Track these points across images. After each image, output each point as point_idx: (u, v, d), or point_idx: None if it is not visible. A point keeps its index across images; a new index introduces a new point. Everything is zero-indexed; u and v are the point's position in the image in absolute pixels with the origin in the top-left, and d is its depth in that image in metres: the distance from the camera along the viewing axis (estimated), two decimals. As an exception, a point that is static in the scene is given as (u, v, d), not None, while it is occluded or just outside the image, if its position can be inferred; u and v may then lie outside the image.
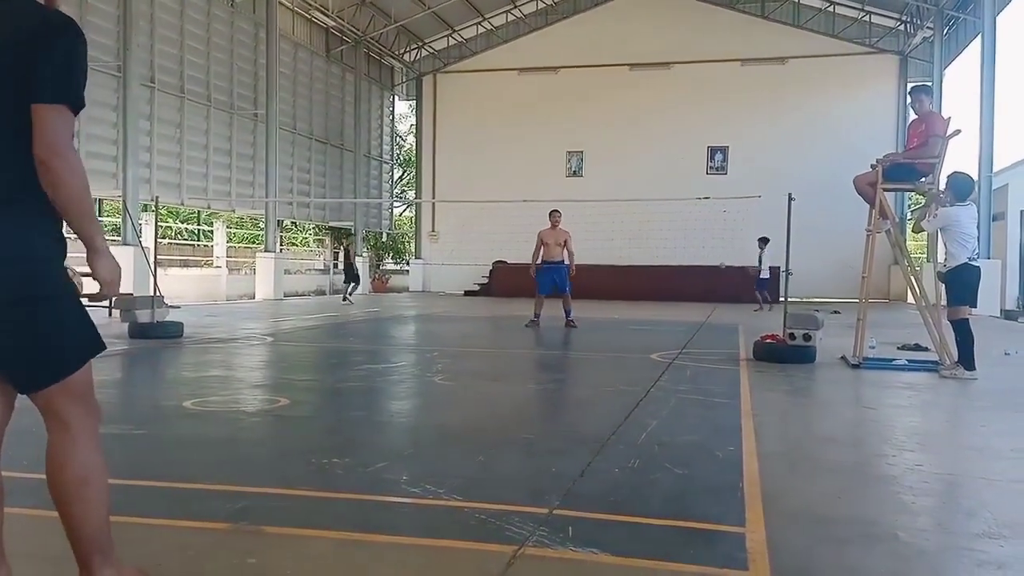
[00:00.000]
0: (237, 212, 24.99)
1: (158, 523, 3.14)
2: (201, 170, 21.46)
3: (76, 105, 2.14)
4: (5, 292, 2.06)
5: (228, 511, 3.28)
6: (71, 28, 2.16)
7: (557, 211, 13.52)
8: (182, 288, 20.79)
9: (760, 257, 19.48)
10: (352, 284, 22.15)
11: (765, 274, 19.37)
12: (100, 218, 26.04)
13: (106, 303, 14.77)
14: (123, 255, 16.86)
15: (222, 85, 22.16)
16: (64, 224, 2.21)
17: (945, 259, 7.78)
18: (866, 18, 27.31)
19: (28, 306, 2.10)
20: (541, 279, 13.39)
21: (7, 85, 2.08)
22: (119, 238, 18.82)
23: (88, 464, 2.28)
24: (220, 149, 22.17)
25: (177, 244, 26.59)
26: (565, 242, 13.32)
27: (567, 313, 13.28)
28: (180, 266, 24.47)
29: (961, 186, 7.78)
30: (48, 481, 2.27)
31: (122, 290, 14.37)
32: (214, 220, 27.75)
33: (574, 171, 29.30)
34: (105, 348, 2.36)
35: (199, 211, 27.62)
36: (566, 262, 13.35)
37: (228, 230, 26.90)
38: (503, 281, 26.35)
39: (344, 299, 21.47)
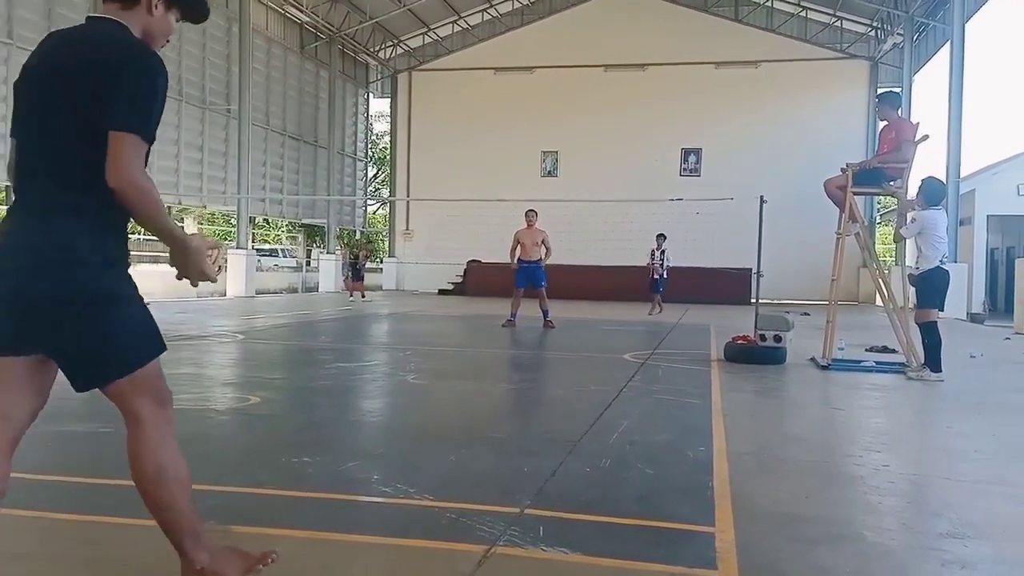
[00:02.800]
0: (209, 208, 24.74)
1: (125, 522, 3.10)
2: (172, 165, 21.23)
3: (147, 137, 2.23)
4: (71, 293, 2.18)
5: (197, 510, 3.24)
6: (153, 61, 2.27)
7: (533, 211, 13.57)
8: (151, 285, 20.54)
9: (655, 254, 18.01)
10: (356, 283, 22.64)
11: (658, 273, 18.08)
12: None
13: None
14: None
15: (194, 80, 21.93)
16: (127, 232, 2.39)
17: (917, 262, 7.88)
18: (838, 24, 27.64)
19: (92, 306, 2.21)
20: (518, 276, 13.41)
21: (83, 105, 2.19)
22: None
23: (161, 455, 2.37)
24: (192, 144, 21.94)
25: (147, 240, 26.25)
26: (543, 240, 13.39)
27: (545, 314, 13.31)
28: (150, 262, 24.19)
29: (933, 191, 7.89)
30: (131, 474, 2.39)
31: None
32: (185, 216, 27.47)
33: (549, 171, 29.34)
34: (166, 349, 2.47)
35: (170, 207, 27.32)
36: (543, 262, 13.39)
37: (199, 226, 26.64)
38: (477, 280, 26.32)
39: (361, 296, 21.94)
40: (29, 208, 2.24)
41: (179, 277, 2.45)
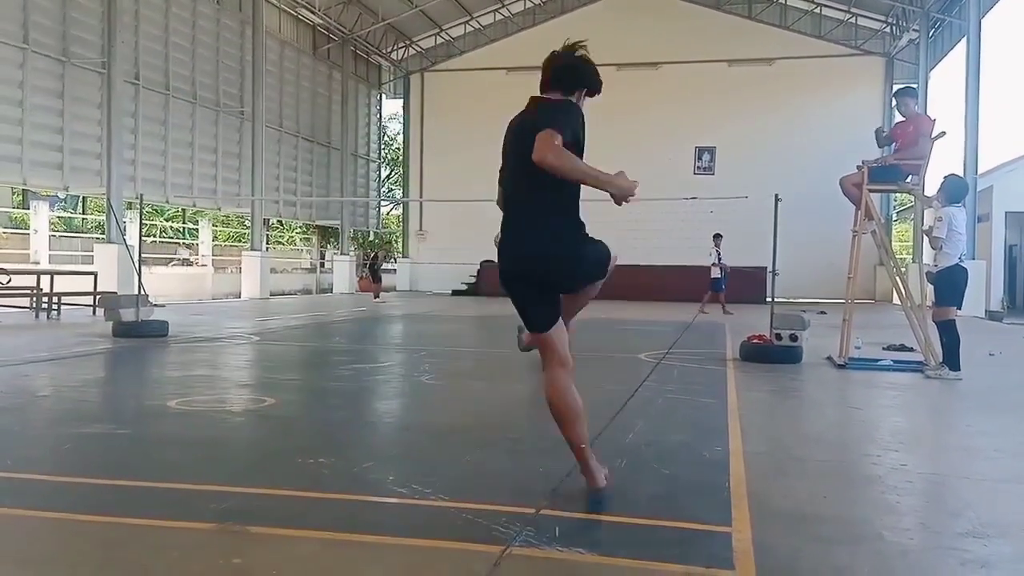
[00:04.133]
0: (223, 210, 24.87)
1: (143, 523, 3.12)
2: (186, 168, 21.32)
3: (562, 133, 3.29)
4: (560, 252, 3.49)
5: (213, 511, 3.26)
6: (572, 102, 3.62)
7: None
8: (167, 287, 20.68)
9: (714, 254, 18.20)
10: (376, 284, 22.87)
11: (716, 273, 18.11)
12: (84, 215, 25.85)
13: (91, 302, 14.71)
14: (107, 253, 16.81)
15: (208, 82, 22.04)
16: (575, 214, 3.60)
17: (935, 259, 7.81)
18: (852, 20, 27.46)
19: (562, 261, 3.51)
20: None
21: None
22: (103, 236, 18.68)
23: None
24: (206, 147, 22.04)
25: (163, 242, 26.45)
26: None
27: None
28: (165, 264, 24.34)
29: (956, 189, 7.82)
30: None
31: (105, 288, 14.22)
32: (200, 218, 27.61)
33: (561, 170, 29.26)
34: (606, 275, 3.85)
35: (184, 209, 27.47)
36: None
37: (214, 228, 26.78)
38: (491, 281, 26.29)
39: (375, 297, 22.11)
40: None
41: (618, 203, 3.57)
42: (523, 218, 3.55)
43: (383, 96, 34.05)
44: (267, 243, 26.77)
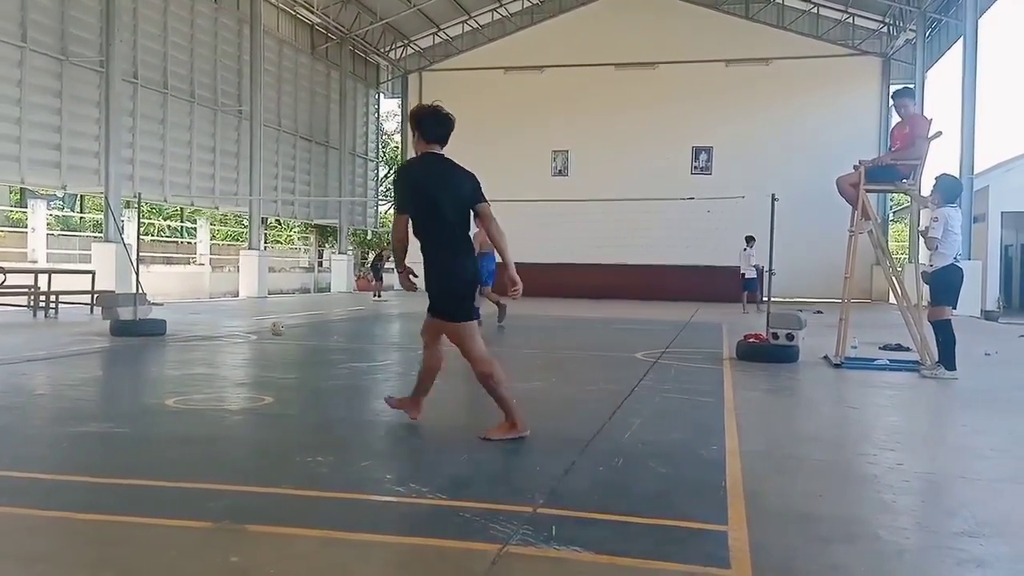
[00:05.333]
0: (221, 209, 24.84)
1: (140, 521, 3.12)
2: (184, 167, 21.30)
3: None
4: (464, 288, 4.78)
5: (211, 510, 3.26)
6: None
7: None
8: (165, 285, 20.66)
9: (745, 256, 19.19)
10: (377, 283, 23.10)
11: (751, 273, 19.07)
12: (82, 214, 25.81)
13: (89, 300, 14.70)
14: (105, 252, 16.80)
15: (206, 82, 22.02)
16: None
17: (931, 259, 7.83)
18: (849, 20, 27.49)
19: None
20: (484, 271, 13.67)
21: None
22: (101, 235, 18.66)
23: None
24: (204, 146, 22.02)
25: (160, 241, 26.42)
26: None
27: (501, 306, 13.43)
28: (163, 263, 24.32)
29: (950, 188, 7.84)
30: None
31: (103, 287, 14.22)
32: (197, 217, 27.59)
33: (560, 170, 29.32)
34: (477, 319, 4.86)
35: (182, 208, 27.44)
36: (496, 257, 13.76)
37: (212, 227, 26.76)
38: (488, 280, 26.32)
39: (376, 296, 22.21)
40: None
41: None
42: (468, 246, 4.81)
43: (381, 95, 34.03)
44: (265, 242, 26.76)
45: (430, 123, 4.83)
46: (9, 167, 16.12)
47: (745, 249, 18.96)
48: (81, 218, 25.76)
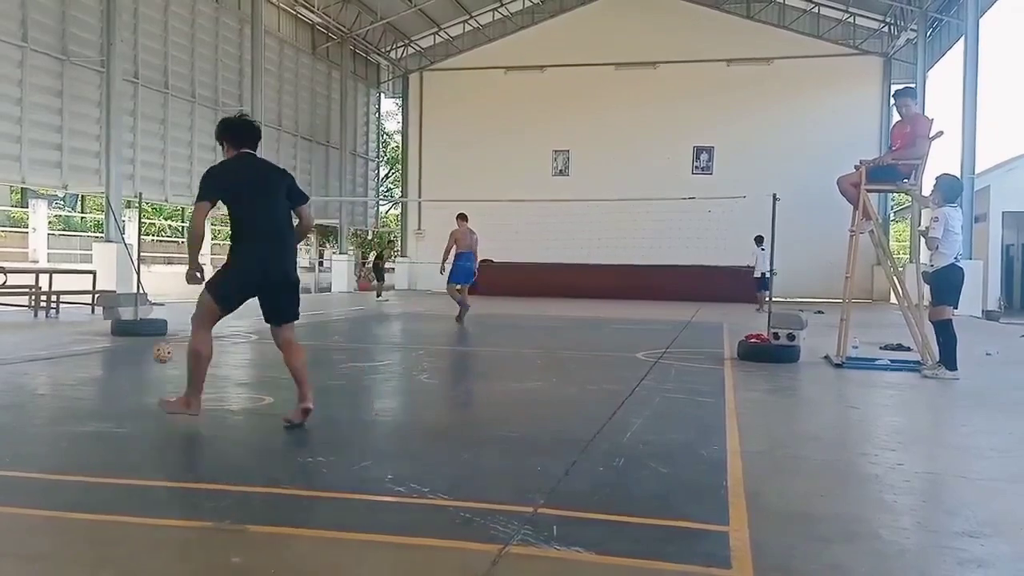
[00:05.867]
0: (222, 210, 24.82)
1: (140, 521, 3.12)
2: (185, 167, 21.31)
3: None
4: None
5: (211, 510, 3.26)
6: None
7: (464, 213, 14.43)
8: (166, 285, 20.65)
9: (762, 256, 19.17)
10: (379, 283, 23.29)
11: (757, 273, 19.13)
12: (83, 214, 25.83)
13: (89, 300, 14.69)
14: (106, 252, 16.80)
15: (207, 81, 22.03)
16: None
17: (932, 259, 7.82)
18: (850, 20, 27.47)
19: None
20: (459, 268, 14.02)
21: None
22: (102, 235, 18.67)
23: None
24: (205, 146, 21.99)
25: (160, 241, 26.42)
26: (474, 243, 14.22)
27: (465, 306, 13.81)
28: (164, 263, 24.32)
29: (950, 188, 7.83)
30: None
31: (104, 287, 14.23)
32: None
33: (560, 170, 29.32)
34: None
35: (183, 208, 27.44)
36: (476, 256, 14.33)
37: (212, 227, 26.75)
38: (489, 280, 26.27)
39: (377, 295, 22.38)
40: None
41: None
42: (288, 242, 5.00)
43: (382, 95, 34.04)
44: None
45: (238, 131, 5.29)
46: (10, 167, 16.13)
47: (762, 249, 18.89)
48: (82, 218, 25.79)
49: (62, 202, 30.47)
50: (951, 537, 3.15)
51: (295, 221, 5.19)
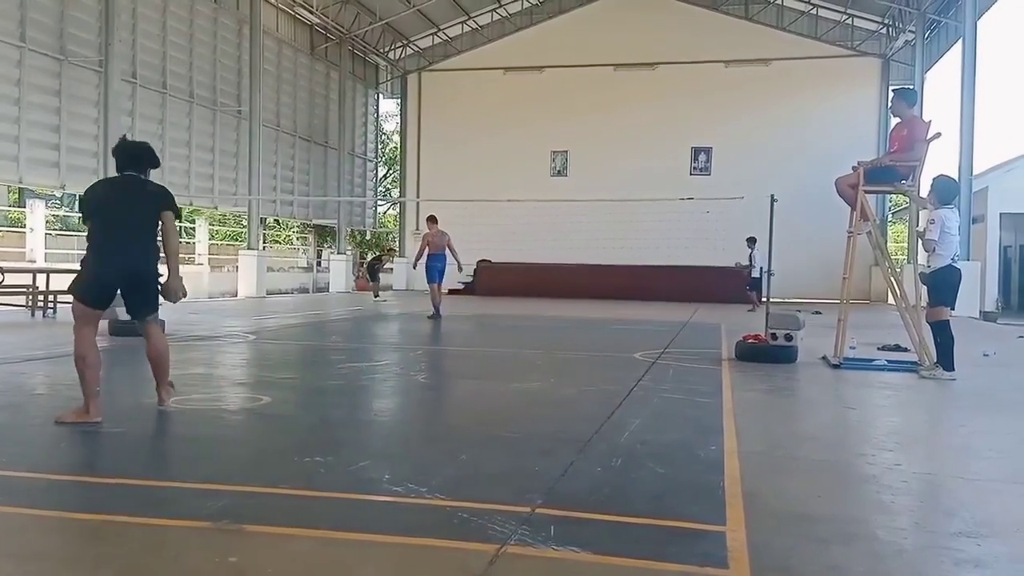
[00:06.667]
0: (220, 209, 24.82)
1: (138, 521, 3.12)
2: (183, 167, 21.30)
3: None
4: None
5: (209, 510, 3.26)
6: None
7: (434, 216, 15.06)
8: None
9: (751, 257, 19.43)
10: (375, 284, 23.36)
11: (756, 273, 19.25)
12: (81, 214, 25.82)
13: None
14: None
15: (205, 81, 22.01)
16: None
17: (929, 260, 7.83)
18: (849, 21, 27.52)
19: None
20: (431, 269, 14.77)
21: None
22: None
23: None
24: (203, 146, 22.02)
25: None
26: (448, 242, 14.87)
27: (436, 304, 14.62)
28: (161, 263, 24.29)
29: (946, 190, 7.85)
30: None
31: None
32: (196, 217, 27.56)
33: (559, 170, 29.34)
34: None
35: (181, 208, 27.43)
36: (448, 258, 14.92)
37: (210, 227, 26.75)
38: (487, 280, 26.37)
39: (375, 296, 22.49)
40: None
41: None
42: (138, 247, 5.34)
43: (380, 96, 34.04)
44: (264, 242, 26.74)
45: (117, 157, 5.50)
46: (8, 166, 16.12)
47: (756, 250, 19.12)
48: (80, 218, 25.76)
49: (59, 202, 30.43)
50: (948, 538, 3.16)
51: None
